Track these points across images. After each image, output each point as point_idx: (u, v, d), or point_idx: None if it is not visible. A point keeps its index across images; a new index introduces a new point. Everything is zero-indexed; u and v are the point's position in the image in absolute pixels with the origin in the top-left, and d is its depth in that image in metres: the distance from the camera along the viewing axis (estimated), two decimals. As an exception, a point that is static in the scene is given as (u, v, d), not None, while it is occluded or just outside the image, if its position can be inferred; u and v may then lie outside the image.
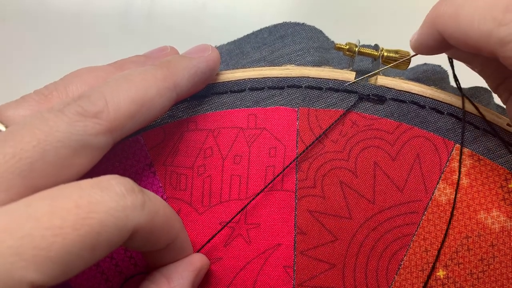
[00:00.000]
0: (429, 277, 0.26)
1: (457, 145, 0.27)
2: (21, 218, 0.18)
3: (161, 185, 0.27)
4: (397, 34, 0.32)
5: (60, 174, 0.20)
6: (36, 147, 0.20)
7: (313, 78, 0.27)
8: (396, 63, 0.28)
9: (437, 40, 0.24)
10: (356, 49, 0.28)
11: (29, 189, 0.19)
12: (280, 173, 0.27)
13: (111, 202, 0.19)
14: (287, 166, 0.27)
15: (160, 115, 0.25)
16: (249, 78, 0.28)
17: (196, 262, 0.25)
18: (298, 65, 0.28)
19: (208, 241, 0.26)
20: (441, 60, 0.29)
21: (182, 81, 0.25)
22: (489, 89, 0.26)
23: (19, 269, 0.17)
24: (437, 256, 0.26)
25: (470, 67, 0.27)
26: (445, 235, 0.26)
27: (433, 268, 0.26)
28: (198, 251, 0.26)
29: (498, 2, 0.20)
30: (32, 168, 0.20)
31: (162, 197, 0.27)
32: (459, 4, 0.22)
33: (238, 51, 0.31)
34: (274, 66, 0.28)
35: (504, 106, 0.26)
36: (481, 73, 0.27)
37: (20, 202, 0.18)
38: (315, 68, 0.28)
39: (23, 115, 0.23)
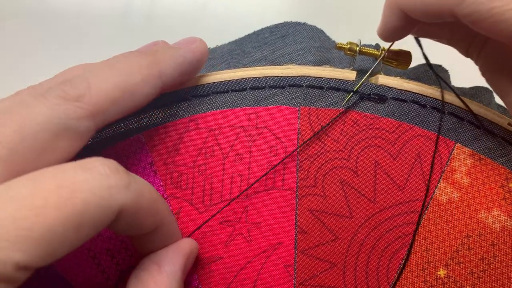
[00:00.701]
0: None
1: (458, 145, 0.27)
2: (3, 201, 0.18)
3: (162, 184, 0.27)
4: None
5: (42, 158, 0.20)
6: (17, 131, 0.20)
7: (314, 77, 0.27)
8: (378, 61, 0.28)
9: (401, 19, 0.24)
10: (357, 48, 0.28)
11: (11, 173, 0.19)
12: (266, 173, 0.27)
13: (95, 182, 0.19)
14: (274, 167, 0.27)
15: (146, 103, 0.24)
16: (250, 77, 0.28)
17: (185, 246, 0.25)
18: (299, 64, 0.28)
19: (196, 229, 0.26)
20: (442, 59, 0.29)
21: (168, 69, 0.25)
22: (490, 88, 0.26)
23: (2, 249, 0.17)
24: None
25: (439, 41, 0.27)
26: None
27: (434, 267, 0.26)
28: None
29: None
30: (13, 152, 0.20)
31: (162, 196, 0.27)
32: None
33: (239, 50, 0.31)
34: (275, 65, 0.28)
35: (485, 79, 0.26)
36: (450, 42, 0.27)
37: (2, 185, 0.18)
38: (316, 67, 0.28)
39: None
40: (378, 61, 0.28)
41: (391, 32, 0.25)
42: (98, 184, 0.19)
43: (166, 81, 0.25)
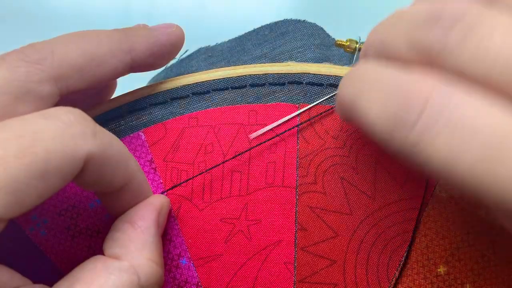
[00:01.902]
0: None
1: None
2: None
3: (161, 181, 0.27)
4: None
5: None
6: None
7: (314, 74, 0.27)
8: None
9: None
10: (357, 45, 0.28)
11: None
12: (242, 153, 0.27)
13: (58, 130, 0.19)
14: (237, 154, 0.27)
15: (113, 77, 0.24)
16: (249, 75, 0.28)
17: (155, 201, 0.25)
18: (299, 61, 0.28)
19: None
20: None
21: (139, 47, 0.25)
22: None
23: None
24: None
25: None
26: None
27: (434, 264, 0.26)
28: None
29: None
30: None
31: (162, 193, 0.27)
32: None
33: (239, 48, 0.31)
34: (275, 62, 0.28)
35: None
36: None
37: None
38: (316, 64, 0.28)
39: None
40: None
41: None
42: (61, 132, 0.19)
43: (136, 58, 0.25)
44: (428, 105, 0.16)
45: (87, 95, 0.29)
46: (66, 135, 0.19)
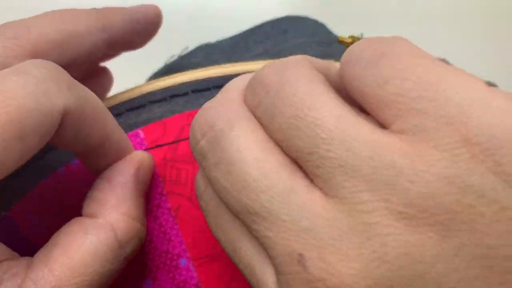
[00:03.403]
0: None
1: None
2: None
3: (160, 179, 0.27)
4: (399, 27, 0.32)
5: None
6: None
7: (316, 71, 0.27)
8: None
9: None
10: (359, 42, 0.28)
11: None
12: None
13: (30, 86, 0.18)
14: None
15: (93, 55, 0.25)
16: (250, 72, 0.27)
17: (134, 157, 0.24)
18: (300, 59, 0.28)
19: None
20: (443, 56, 0.29)
21: (115, 24, 0.25)
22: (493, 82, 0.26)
23: None
24: None
25: None
26: None
27: None
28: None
29: None
30: None
31: (161, 192, 0.26)
32: None
33: (240, 45, 0.31)
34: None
35: None
36: None
37: None
38: (318, 61, 0.27)
39: None
40: None
41: None
42: (33, 88, 0.18)
43: (113, 35, 0.25)
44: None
45: None
46: (39, 91, 0.18)
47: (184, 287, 0.26)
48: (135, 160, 0.24)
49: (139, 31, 0.26)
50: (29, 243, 0.26)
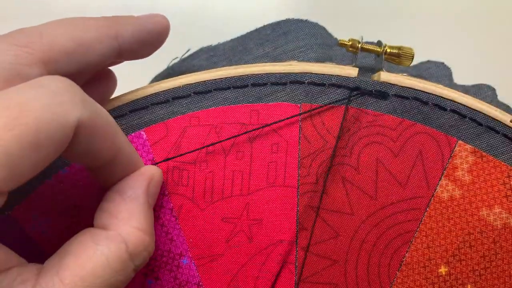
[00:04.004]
0: None
1: (460, 142, 0.27)
2: None
3: (163, 180, 0.27)
4: (399, 31, 0.32)
5: None
6: None
7: (316, 74, 0.27)
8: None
9: None
10: (359, 45, 0.28)
11: None
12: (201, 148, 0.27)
13: (46, 99, 0.19)
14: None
15: (102, 63, 0.25)
16: (251, 74, 0.27)
17: (145, 171, 0.25)
18: (300, 61, 0.28)
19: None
20: (444, 57, 0.29)
21: (126, 33, 0.25)
22: (492, 86, 0.26)
23: None
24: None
25: None
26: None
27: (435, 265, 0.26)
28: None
29: None
30: None
31: (164, 193, 0.27)
32: None
33: (241, 47, 0.31)
34: (276, 62, 0.28)
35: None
36: None
37: None
38: (318, 64, 0.28)
39: None
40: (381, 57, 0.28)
41: None
42: (49, 101, 0.19)
43: (123, 44, 0.25)
44: None
45: (88, 93, 0.29)
46: (55, 103, 0.19)
47: (185, 286, 0.27)
48: (146, 175, 0.25)
49: (149, 41, 0.26)
50: (32, 242, 0.26)
